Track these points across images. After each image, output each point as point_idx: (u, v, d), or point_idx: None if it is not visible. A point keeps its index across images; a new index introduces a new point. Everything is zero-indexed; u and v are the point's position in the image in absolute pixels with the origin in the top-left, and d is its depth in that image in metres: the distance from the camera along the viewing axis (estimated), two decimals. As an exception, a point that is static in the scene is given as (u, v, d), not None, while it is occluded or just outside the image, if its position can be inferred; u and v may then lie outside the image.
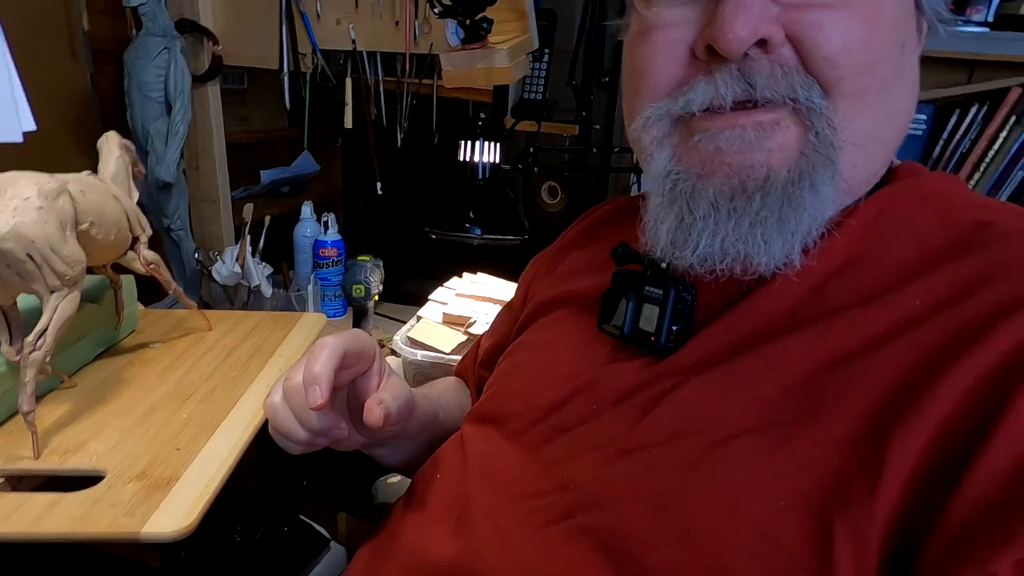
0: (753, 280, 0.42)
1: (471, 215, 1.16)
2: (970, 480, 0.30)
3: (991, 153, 1.47)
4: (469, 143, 1.15)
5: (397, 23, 1.13)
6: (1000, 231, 0.38)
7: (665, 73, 0.41)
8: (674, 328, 0.43)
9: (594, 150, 1.28)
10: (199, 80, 1.23)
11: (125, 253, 0.72)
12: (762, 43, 0.37)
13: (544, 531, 0.41)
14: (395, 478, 0.74)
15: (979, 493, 0.30)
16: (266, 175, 1.63)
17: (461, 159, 1.16)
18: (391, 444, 0.58)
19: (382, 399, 0.47)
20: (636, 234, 0.50)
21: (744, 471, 0.36)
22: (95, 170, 0.72)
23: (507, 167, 1.23)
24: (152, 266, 0.74)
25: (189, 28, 1.20)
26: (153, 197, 1.23)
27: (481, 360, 0.69)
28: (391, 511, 0.55)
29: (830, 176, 0.38)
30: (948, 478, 0.31)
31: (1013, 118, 1.44)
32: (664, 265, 0.45)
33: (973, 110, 1.47)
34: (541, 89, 1.28)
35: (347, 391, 0.52)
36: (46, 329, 0.57)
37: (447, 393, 0.67)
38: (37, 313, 0.58)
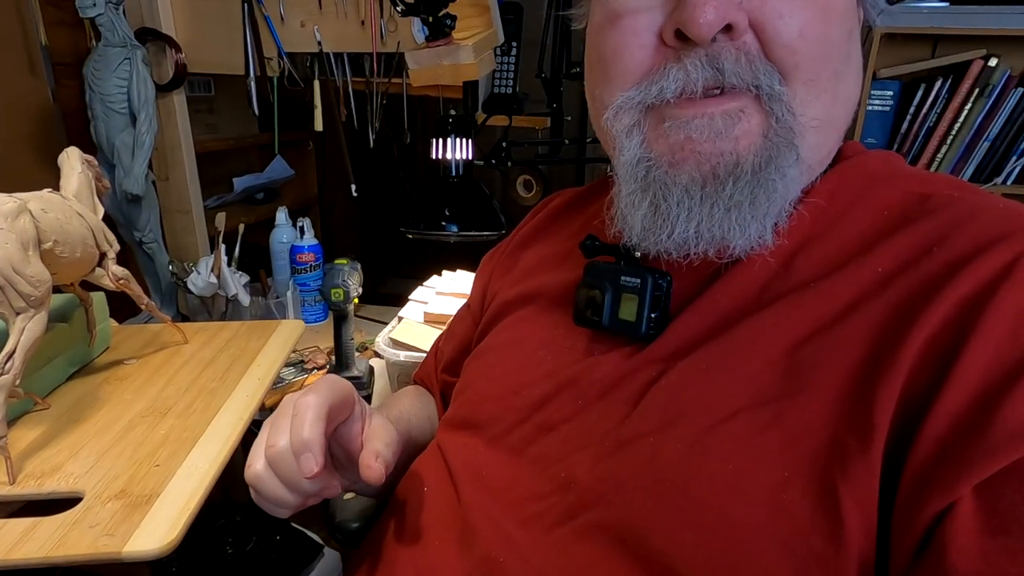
0: (723, 263, 0.43)
1: (447, 213, 1.15)
2: (931, 420, 0.33)
3: (956, 126, 1.50)
4: (441, 140, 1.14)
5: (363, 23, 1.12)
6: (939, 200, 0.40)
7: (634, 60, 0.41)
8: (653, 316, 0.44)
9: (567, 142, 1.28)
10: (164, 89, 1.21)
11: (93, 270, 0.71)
12: (727, 29, 0.38)
13: (554, 533, 0.41)
14: (349, 494, 0.73)
15: (939, 431, 0.33)
16: (239, 182, 1.61)
17: (434, 157, 1.16)
18: None
19: (378, 452, 0.45)
20: (594, 224, 0.50)
21: (743, 449, 0.37)
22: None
23: (481, 163, 1.23)
24: (122, 281, 0.73)
25: (150, 36, 1.18)
26: (123, 211, 1.21)
27: (443, 366, 0.68)
28: (376, 535, 0.53)
29: (794, 159, 0.39)
30: (916, 422, 0.34)
31: (976, 90, 1.46)
32: (638, 254, 0.45)
33: (938, 84, 1.49)
34: (511, 83, 1.28)
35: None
36: (14, 352, 0.56)
37: (415, 407, 0.66)
38: (3, 336, 0.57)
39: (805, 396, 0.36)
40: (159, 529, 0.51)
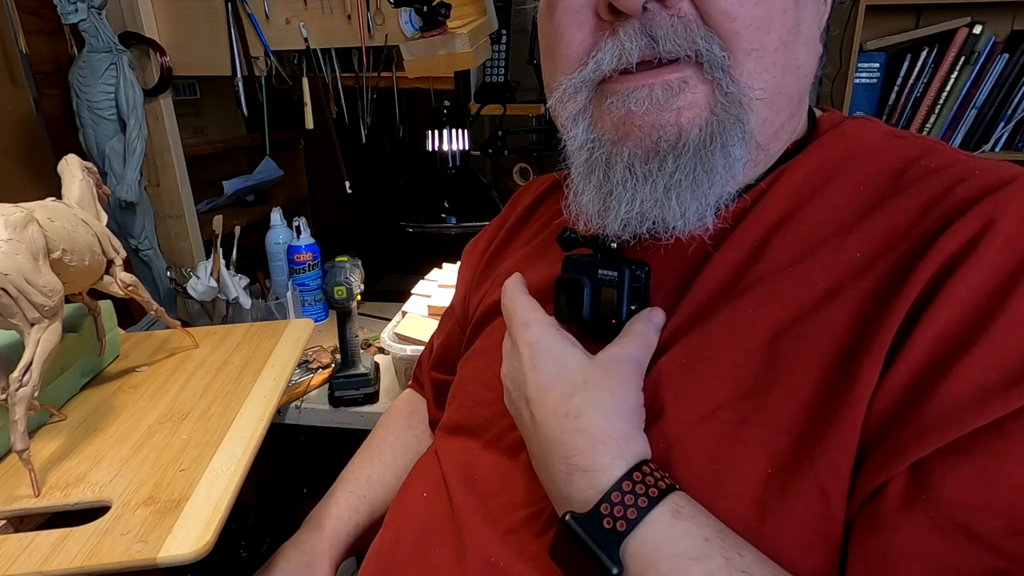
0: (700, 251, 0.42)
1: (446, 204, 1.15)
2: (878, 396, 0.33)
3: (944, 95, 1.51)
4: (436, 132, 1.14)
5: (349, 17, 1.11)
6: (914, 174, 0.39)
7: (574, 41, 0.40)
8: (632, 308, 0.42)
9: (561, 128, 1.27)
10: (150, 94, 1.19)
11: (101, 278, 0.70)
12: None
13: (542, 538, 0.41)
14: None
15: (881, 408, 0.33)
16: (229, 185, 1.60)
17: (430, 149, 1.15)
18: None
19: None
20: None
21: (724, 447, 0.36)
22: (56, 196, 0.69)
23: (476, 153, 1.22)
24: (130, 288, 0.72)
25: (134, 40, 1.17)
26: (117, 218, 1.20)
27: (433, 362, 0.69)
28: (381, 542, 0.53)
29: (740, 137, 0.38)
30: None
31: (962, 58, 1.48)
32: (614, 245, 0.44)
33: (924, 54, 1.50)
34: (502, 71, 1.27)
35: None
36: (31, 363, 0.55)
37: (385, 465, 0.67)
38: (17, 348, 0.56)
39: (784, 389, 0.35)
40: (192, 533, 0.51)
